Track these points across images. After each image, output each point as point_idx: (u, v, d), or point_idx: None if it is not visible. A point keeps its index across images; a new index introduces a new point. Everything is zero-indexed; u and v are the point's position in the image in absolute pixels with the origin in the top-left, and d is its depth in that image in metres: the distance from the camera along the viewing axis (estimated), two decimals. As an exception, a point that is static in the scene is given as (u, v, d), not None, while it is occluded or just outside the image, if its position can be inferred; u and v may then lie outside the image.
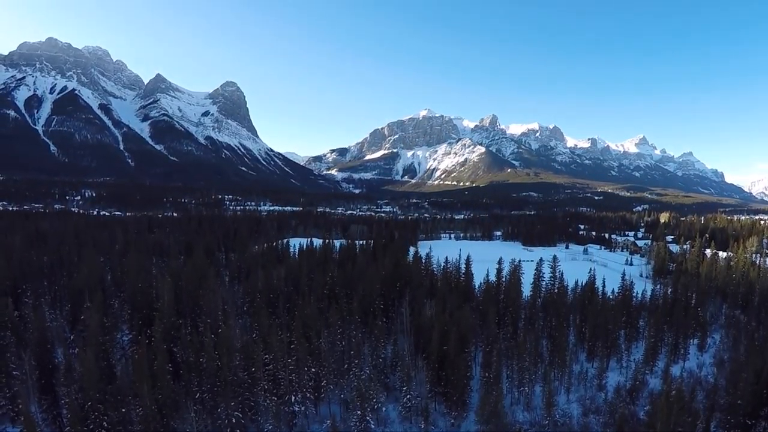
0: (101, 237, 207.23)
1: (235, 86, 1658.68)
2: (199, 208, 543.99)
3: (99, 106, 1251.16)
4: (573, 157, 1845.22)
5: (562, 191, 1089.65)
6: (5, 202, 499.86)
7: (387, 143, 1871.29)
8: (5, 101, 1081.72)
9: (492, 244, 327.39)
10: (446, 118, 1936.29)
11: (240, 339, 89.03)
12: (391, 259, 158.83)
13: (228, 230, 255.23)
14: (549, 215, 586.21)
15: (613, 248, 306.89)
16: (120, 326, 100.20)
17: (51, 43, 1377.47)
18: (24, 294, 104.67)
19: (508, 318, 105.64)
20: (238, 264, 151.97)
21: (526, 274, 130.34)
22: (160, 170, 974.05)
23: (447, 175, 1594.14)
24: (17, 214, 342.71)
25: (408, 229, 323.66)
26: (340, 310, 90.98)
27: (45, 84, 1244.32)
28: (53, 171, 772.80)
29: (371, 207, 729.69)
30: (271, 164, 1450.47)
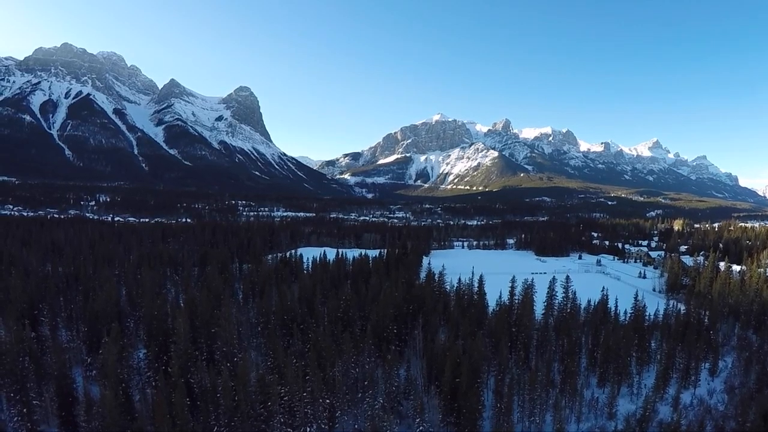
0: (116, 249, 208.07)
1: (249, 91, 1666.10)
2: (213, 214, 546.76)
3: (113, 110, 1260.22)
4: (586, 161, 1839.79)
5: (575, 196, 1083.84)
6: (20, 207, 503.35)
7: (400, 148, 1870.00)
8: (21, 106, 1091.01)
9: (505, 254, 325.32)
10: (459, 122, 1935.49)
11: (255, 366, 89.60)
12: (405, 273, 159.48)
13: (242, 241, 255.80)
14: (562, 222, 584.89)
15: (626, 259, 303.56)
16: (137, 345, 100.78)
17: (66, 48, 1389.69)
18: (41, 313, 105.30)
19: (520, 342, 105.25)
20: (252, 279, 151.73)
21: (539, 293, 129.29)
22: (174, 175, 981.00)
23: (460, 180, 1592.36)
24: (32, 221, 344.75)
25: (421, 238, 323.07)
26: (354, 337, 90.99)
27: (60, 89, 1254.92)
28: (68, 175, 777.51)
29: (384, 213, 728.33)
30: (285, 169, 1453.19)
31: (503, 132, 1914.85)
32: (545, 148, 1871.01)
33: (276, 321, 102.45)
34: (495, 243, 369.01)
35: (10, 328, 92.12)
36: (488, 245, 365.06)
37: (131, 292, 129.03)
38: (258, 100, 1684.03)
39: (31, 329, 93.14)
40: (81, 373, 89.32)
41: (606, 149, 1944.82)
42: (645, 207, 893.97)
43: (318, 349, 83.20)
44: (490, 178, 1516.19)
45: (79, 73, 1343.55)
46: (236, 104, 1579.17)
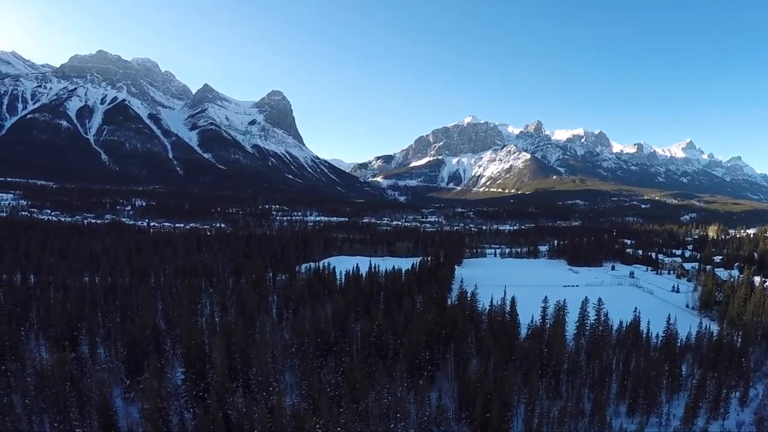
0: (152, 260, 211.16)
1: (281, 95, 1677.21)
2: (246, 219, 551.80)
3: (148, 115, 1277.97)
4: (619, 163, 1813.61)
5: (608, 199, 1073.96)
6: (58, 211, 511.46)
7: (432, 150, 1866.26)
8: (58, 111, 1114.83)
9: (537, 264, 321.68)
10: (491, 124, 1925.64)
11: (290, 387, 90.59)
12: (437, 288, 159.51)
13: (275, 250, 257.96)
14: (595, 227, 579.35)
15: (659, 270, 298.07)
16: (174, 365, 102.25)
17: (101, 55, 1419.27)
18: (80, 332, 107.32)
19: (550, 369, 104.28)
20: (285, 293, 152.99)
21: (571, 312, 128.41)
22: (209, 178, 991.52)
23: (492, 182, 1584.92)
24: (70, 227, 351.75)
25: (453, 245, 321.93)
26: (387, 365, 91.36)
27: (96, 95, 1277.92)
28: (104, 180, 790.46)
29: (417, 217, 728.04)
30: (318, 172, 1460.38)
31: (535, 134, 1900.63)
32: (578, 149, 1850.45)
33: (310, 343, 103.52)
34: (527, 251, 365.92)
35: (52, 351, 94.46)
36: (520, 253, 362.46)
37: (167, 308, 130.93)
38: (290, 104, 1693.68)
39: (71, 350, 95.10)
40: (120, 394, 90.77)
41: (639, 150, 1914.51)
42: (679, 210, 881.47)
43: (352, 380, 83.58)
44: (522, 181, 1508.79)
45: (115, 79, 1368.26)
46: (269, 108, 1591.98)
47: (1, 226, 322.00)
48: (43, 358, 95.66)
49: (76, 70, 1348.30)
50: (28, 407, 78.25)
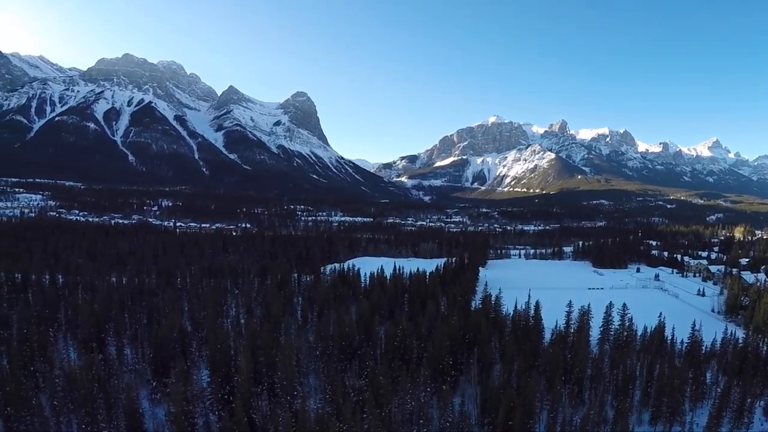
0: (178, 261, 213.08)
1: (306, 96, 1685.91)
2: (272, 219, 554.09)
3: (174, 117, 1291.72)
4: (644, 162, 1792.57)
5: (633, 199, 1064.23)
6: (86, 212, 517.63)
7: (456, 150, 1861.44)
8: (85, 114, 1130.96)
9: (562, 266, 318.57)
10: (515, 124, 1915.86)
11: (314, 391, 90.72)
12: (461, 291, 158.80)
13: (300, 251, 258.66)
14: (620, 228, 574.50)
15: (685, 273, 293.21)
16: (200, 366, 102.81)
17: (127, 58, 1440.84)
18: (107, 333, 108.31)
19: (573, 375, 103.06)
20: (310, 295, 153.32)
21: (596, 316, 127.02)
22: (234, 179, 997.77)
23: (517, 182, 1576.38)
24: (98, 227, 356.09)
25: (478, 246, 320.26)
26: (410, 370, 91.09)
27: (122, 97, 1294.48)
28: (131, 180, 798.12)
29: (441, 217, 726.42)
30: (342, 172, 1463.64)
31: (560, 133, 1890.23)
32: (602, 149, 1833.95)
33: (334, 346, 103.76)
34: (552, 252, 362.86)
35: (80, 352, 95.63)
36: (545, 254, 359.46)
37: (193, 309, 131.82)
38: (315, 104, 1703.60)
39: (98, 351, 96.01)
40: (147, 395, 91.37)
41: (664, 150, 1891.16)
42: (705, 210, 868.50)
43: (375, 385, 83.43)
44: (547, 180, 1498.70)
45: (141, 82, 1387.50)
46: (294, 109, 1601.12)
47: (31, 226, 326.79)
48: (72, 359, 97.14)
49: (102, 73, 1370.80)
50: (57, 408, 79.17)
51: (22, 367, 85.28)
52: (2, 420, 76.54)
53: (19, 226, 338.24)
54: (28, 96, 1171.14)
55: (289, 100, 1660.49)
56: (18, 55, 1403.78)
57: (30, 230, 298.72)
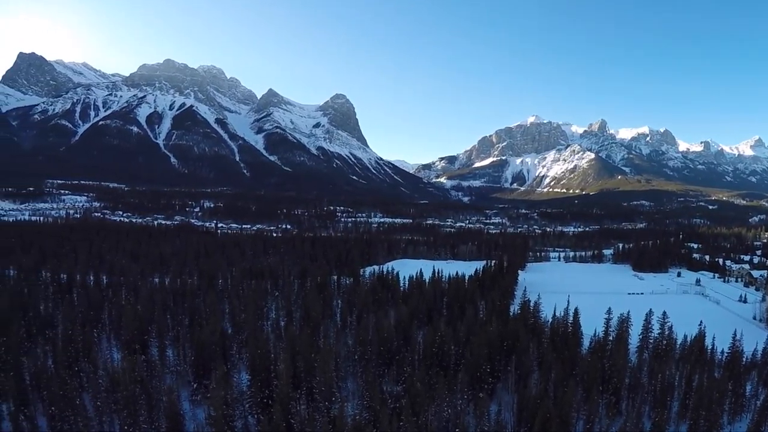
0: (219, 263, 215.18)
1: (345, 98, 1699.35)
2: (312, 220, 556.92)
3: (215, 120, 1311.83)
4: (685, 162, 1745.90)
5: (674, 199, 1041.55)
6: (130, 213, 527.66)
7: (495, 150, 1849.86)
8: (128, 118, 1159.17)
9: (602, 269, 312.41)
10: (554, 124, 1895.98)
11: (351, 395, 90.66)
12: (500, 295, 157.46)
13: (340, 253, 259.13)
14: (661, 229, 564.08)
15: (726, 278, 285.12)
16: (239, 368, 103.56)
17: (168, 64, 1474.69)
18: (149, 335, 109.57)
19: (611, 385, 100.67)
20: (349, 298, 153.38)
21: (635, 323, 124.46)
22: (274, 180, 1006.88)
23: (556, 183, 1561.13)
24: (141, 229, 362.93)
25: (517, 249, 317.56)
26: (448, 377, 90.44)
27: (164, 101, 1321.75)
28: (174, 182, 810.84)
29: (480, 218, 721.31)
30: (381, 173, 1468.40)
31: (599, 133, 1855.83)
32: (643, 148, 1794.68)
33: (373, 351, 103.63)
34: (592, 254, 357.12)
35: (123, 353, 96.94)
36: (585, 257, 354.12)
37: (234, 311, 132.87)
38: (354, 106, 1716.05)
39: (141, 352, 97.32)
40: (187, 396, 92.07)
41: (705, 149, 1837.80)
42: (747, 211, 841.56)
43: (413, 393, 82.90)
44: (586, 181, 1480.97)
45: (182, 86, 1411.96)
46: (333, 111, 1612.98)
47: (76, 228, 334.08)
48: (115, 360, 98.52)
49: (144, 78, 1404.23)
50: (100, 408, 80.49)
51: (67, 367, 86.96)
52: (47, 419, 78.28)
53: (64, 227, 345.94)
54: (72, 101, 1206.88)
55: (328, 102, 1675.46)
56: (62, 62, 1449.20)
57: (75, 231, 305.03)
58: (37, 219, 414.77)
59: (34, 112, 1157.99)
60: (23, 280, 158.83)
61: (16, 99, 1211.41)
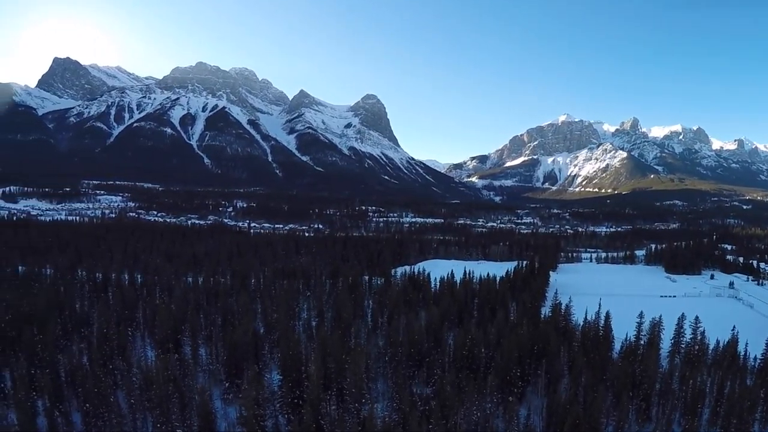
0: (252, 262, 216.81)
1: (376, 98, 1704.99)
2: (344, 220, 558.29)
3: (247, 121, 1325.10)
4: (719, 160, 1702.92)
5: (708, 199, 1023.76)
6: (164, 212, 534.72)
7: (527, 150, 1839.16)
8: (162, 120, 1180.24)
9: (633, 271, 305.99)
10: (586, 122, 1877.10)
11: (381, 396, 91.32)
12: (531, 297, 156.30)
13: (371, 253, 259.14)
14: (694, 230, 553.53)
15: (761, 280, 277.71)
16: (271, 367, 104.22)
17: (201, 67, 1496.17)
18: (183, 334, 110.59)
19: (641, 391, 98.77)
20: (380, 299, 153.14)
21: (667, 328, 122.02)
22: (307, 180, 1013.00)
23: (588, 182, 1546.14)
24: (175, 228, 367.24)
25: (549, 249, 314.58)
26: (478, 383, 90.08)
27: (197, 103, 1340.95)
28: (207, 182, 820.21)
29: (512, 218, 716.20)
30: (413, 173, 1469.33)
31: (631, 131, 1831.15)
32: (675, 147, 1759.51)
33: (403, 353, 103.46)
34: (624, 255, 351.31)
35: (157, 352, 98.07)
36: (617, 258, 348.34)
37: (266, 311, 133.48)
38: (385, 106, 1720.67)
39: (174, 351, 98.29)
40: (219, 395, 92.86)
41: (740, 147, 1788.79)
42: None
43: (443, 396, 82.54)
44: (619, 180, 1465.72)
45: (214, 88, 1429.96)
46: (364, 111, 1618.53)
47: (111, 227, 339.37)
48: (149, 358, 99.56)
49: (177, 81, 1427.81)
50: (133, 406, 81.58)
51: (102, 365, 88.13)
52: (81, 415, 79.68)
53: (100, 226, 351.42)
54: (107, 104, 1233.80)
55: (359, 102, 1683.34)
56: (96, 66, 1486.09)
57: (111, 231, 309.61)
58: (73, 219, 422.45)
59: (70, 115, 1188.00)
60: (60, 279, 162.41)
61: (52, 102, 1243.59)
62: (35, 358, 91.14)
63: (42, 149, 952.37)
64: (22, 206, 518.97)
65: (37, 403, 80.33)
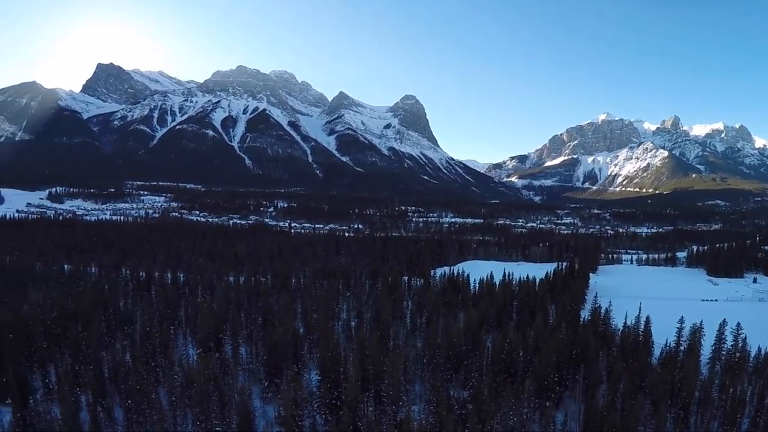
0: (293, 262, 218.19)
1: (414, 99, 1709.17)
2: (383, 220, 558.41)
3: (288, 123, 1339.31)
4: (762, 159, 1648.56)
5: (751, 199, 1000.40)
6: (206, 213, 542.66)
7: (566, 149, 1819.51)
8: (204, 122, 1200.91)
9: (674, 273, 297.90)
10: (626, 121, 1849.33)
11: (417, 398, 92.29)
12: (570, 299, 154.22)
13: (411, 254, 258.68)
14: (737, 231, 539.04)
15: None
16: (310, 366, 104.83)
17: (241, 70, 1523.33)
18: (224, 333, 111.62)
19: (680, 399, 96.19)
20: (420, 300, 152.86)
21: (708, 333, 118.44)
22: (347, 181, 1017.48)
23: (629, 182, 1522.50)
24: (217, 228, 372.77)
25: (589, 250, 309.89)
26: (515, 387, 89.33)
27: (238, 106, 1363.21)
28: (248, 183, 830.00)
29: (551, 218, 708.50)
30: (452, 173, 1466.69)
31: (672, 130, 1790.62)
32: (717, 145, 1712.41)
33: (441, 355, 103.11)
34: (665, 257, 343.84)
35: (199, 351, 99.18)
36: (657, 260, 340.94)
37: (306, 311, 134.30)
38: (424, 107, 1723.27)
39: (215, 350, 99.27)
40: (258, 393, 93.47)
41: None
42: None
43: (479, 400, 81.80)
44: (660, 180, 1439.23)
45: (255, 91, 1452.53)
46: (403, 112, 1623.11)
47: (155, 227, 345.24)
48: (190, 356, 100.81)
49: (218, 84, 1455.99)
50: (174, 403, 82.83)
51: (144, 362, 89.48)
52: (123, 411, 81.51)
53: (144, 226, 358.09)
54: (150, 107, 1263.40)
55: (398, 103, 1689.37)
56: (139, 71, 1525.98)
57: (154, 231, 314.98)
58: (117, 219, 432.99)
59: (114, 119, 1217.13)
60: (104, 278, 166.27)
61: (96, 106, 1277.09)
62: (80, 354, 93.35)
63: (87, 152, 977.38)
64: (68, 206, 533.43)
65: (81, 399, 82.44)
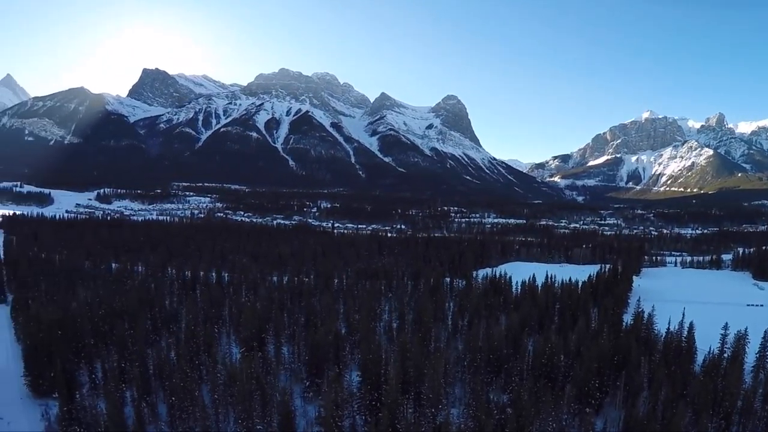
0: (336, 263, 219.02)
1: (456, 99, 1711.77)
2: (426, 221, 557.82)
3: (330, 124, 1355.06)
4: None
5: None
6: (250, 213, 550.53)
7: (609, 148, 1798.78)
8: (248, 124, 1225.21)
9: (719, 276, 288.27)
10: (669, 119, 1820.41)
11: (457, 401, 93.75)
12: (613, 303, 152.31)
13: (453, 255, 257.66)
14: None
15: None
16: (351, 367, 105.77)
17: (283, 73, 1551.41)
18: (267, 333, 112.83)
19: (722, 409, 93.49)
20: (462, 302, 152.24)
21: (752, 340, 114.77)
22: (389, 181, 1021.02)
23: (673, 181, 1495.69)
24: (261, 229, 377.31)
25: (632, 252, 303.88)
26: (555, 393, 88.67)
27: (281, 108, 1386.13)
28: (292, 184, 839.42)
29: (595, 219, 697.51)
30: (495, 173, 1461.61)
31: (717, 127, 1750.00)
32: (764, 143, 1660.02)
33: (482, 359, 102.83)
34: (710, 260, 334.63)
35: (242, 350, 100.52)
36: (702, 263, 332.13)
37: (348, 311, 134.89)
38: (465, 107, 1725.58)
39: (258, 350, 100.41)
40: (300, 393, 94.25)
41: None
42: None
43: (519, 405, 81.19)
44: (705, 179, 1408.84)
45: (297, 93, 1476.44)
46: (445, 112, 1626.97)
47: (200, 228, 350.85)
48: (234, 355, 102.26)
49: (261, 87, 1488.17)
50: (216, 401, 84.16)
51: (188, 360, 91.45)
52: (167, 407, 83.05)
53: (189, 226, 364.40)
54: (195, 111, 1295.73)
55: (439, 103, 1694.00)
56: (183, 75, 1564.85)
57: (199, 231, 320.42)
58: (163, 219, 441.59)
59: (160, 122, 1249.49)
60: (150, 277, 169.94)
61: (142, 110, 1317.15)
62: (125, 351, 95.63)
63: (134, 154, 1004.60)
64: (115, 207, 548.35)
65: (126, 394, 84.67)
